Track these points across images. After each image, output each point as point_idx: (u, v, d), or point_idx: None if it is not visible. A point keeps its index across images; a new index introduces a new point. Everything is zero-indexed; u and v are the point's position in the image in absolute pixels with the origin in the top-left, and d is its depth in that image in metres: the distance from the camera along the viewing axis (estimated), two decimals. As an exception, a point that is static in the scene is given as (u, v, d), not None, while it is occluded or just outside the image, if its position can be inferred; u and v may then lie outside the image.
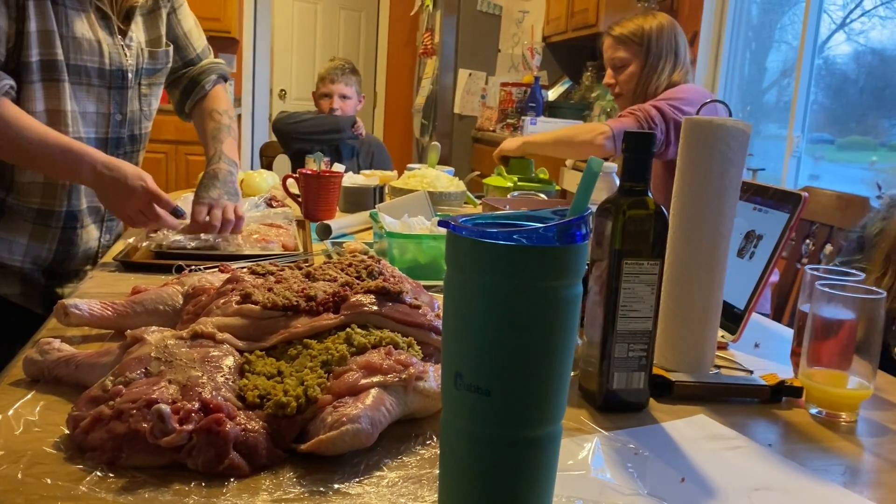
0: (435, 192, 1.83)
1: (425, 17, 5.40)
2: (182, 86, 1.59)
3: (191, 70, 1.58)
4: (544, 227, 0.46)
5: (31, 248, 1.36)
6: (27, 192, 1.33)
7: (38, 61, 1.25)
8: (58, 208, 1.36)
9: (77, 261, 1.43)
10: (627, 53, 2.10)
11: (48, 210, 1.35)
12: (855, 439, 0.75)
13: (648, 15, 2.12)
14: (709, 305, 0.87)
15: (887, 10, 3.08)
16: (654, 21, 2.09)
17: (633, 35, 2.08)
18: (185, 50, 1.56)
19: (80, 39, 1.29)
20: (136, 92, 1.43)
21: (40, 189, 1.34)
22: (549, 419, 0.48)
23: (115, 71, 1.36)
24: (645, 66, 2.08)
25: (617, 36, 2.11)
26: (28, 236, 1.36)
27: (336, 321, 0.75)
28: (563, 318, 0.46)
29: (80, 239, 1.42)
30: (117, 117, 1.40)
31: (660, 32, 2.07)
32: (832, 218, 1.83)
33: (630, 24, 2.11)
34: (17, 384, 0.74)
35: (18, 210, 1.34)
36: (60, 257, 1.40)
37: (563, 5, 4.44)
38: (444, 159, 3.23)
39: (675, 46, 2.08)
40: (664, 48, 2.07)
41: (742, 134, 0.85)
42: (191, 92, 1.57)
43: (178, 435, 0.58)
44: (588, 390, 0.78)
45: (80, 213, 1.40)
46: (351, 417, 0.61)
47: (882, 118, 3.13)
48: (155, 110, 1.51)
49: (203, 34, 1.61)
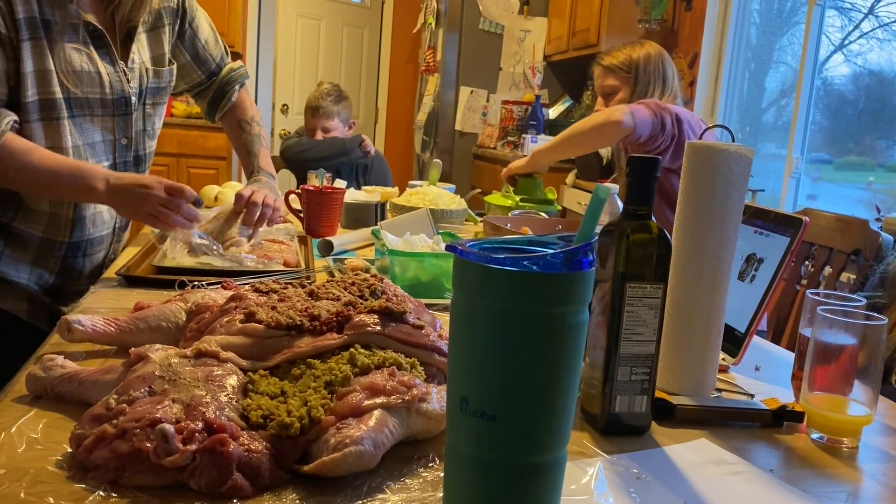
0: (437, 210, 1.84)
1: (427, 34, 5.44)
2: (208, 98, 1.62)
3: (214, 81, 1.61)
4: (552, 253, 0.47)
5: (34, 271, 1.37)
6: (33, 220, 1.34)
7: (37, 101, 1.25)
8: (60, 238, 1.37)
9: (81, 281, 1.43)
10: (616, 81, 2.19)
11: (51, 240, 1.36)
12: (857, 465, 0.75)
13: (636, 45, 2.20)
14: (710, 328, 0.87)
15: (885, 32, 3.11)
16: (641, 50, 2.17)
17: (622, 64, 2.17)
18: (206, 62, 1.58)
19: (79, 73, 1.28)
20: (140, 113, 1.43)
21: (46, 218, 1.34)
22: (554, 445, 0.48)
23: (117, 99, 1.36)
24: (634, 93, 2.15)
25: (606, 65, 2.20)
26: (32, 259, 1.36)
27: (339, 341, 0.75)
28: (570, 344, 0.46)
29: (83, 266, 1.42)
30: (122, 142, 1.40)
31: (647, 60, 2.15)
32: (831, 240, 1.84)
33: (619, 54, 2.20)
34: (20, 400, 0.74)
35: (23, 235, 1.35)
36: (63, 281, 1.40)
37: (564, 25, 4.48)
38: (444, 176, 3.25)
39: (662, 73, 2.16)
40: (651, 75, 2.15)
41: (744, 159, 0.85)
42: (218, 103, 1.62)
43: (181, 455, 0.58)
44: (590, 413, 0.78)
45: (83, 244, 1.40)
46: (354, 439, 0.61)
47: (880, 139, 3.16)
48: (159, 129, 1.52)
49: (219, 38, 1.62)
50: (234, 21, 4.94)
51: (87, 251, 1.42)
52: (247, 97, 1.67)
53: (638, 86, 2.15)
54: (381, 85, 6.21)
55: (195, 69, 1.56)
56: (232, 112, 1.63)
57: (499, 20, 4.91)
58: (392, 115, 6.20)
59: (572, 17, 4.37)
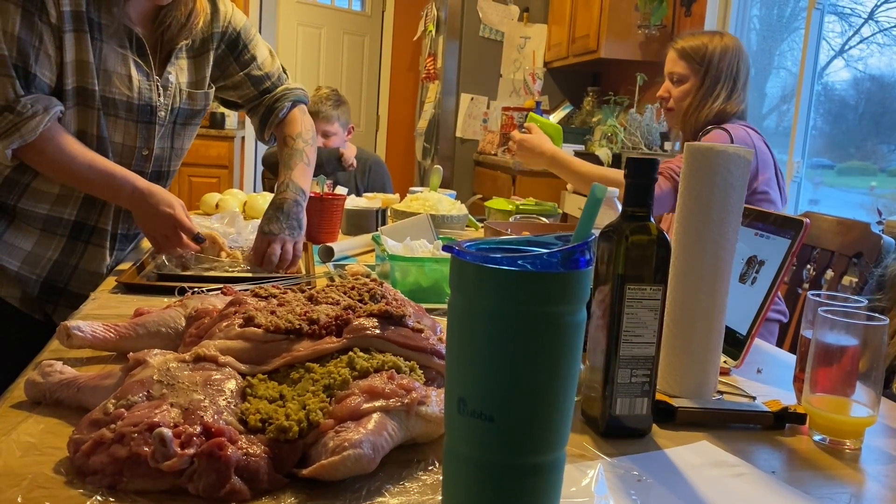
0: (437, 216, 1.84)
1: (428, 42, 5.46)
2: (260, 114, 1.60)
3: (266, 98, 1.59)
4: (548, 252, 0.47)
5: (31, 255, 1.37)
6: (39, 198, 1.36)
7: (74, 88, 1.30)
8: (67, 216, 1.38)
9: (76, 279, 1.43)
10: (686, 70, 2.03)
11: (57, 217, 1.37)
12: (859, 467, 0.75)
13: (716, 35, 2.05)
14: (711, 331, 0.87)
15: (885, 37, 3.11)
16: (720, 42, 2.02)
17: (695, 51, 2.01)
18: (260, 80, 1.57)
19: (110, 72, 1.32)
20: (168, 130, 1.45)
21: (53, 197, 1.36)
22: (553, 446, 0.48)
23: (143, 105, 1.37)
24: (701, 87, 2.01)
25: (679, 49, 2.05)
26: (33, 243, 1.37)
27: (338, 345, 0.75)
28: (568, 343, 0.46)
29: (83, 256, 1.42)
30: (143, 152, 1.41)
31: (723, 54, 1.99)
32: (833, 243, 1.83)
33: (695, 39, 2.04)
34: (18, 406, 0.74)
35: (27, 215, 1.36)
36: (59, 269, 1.40)
37: (564, 31, 4.49)
38: (445, 182, 3.25)
39: (735, 72, 2.00)
40: (724, 72, 1.99)
41: (743, 161, 0.85)
42: (267, 119, 1.59)
43: (179, 459, 0.58)
44: (591, 416, 0.78)
45: (89, 229, 1.41)
46: (353, 442, 0.61)
47: (881, 144, 3.16)
48: (186, 150, 1.53)
49: (277, 60, 1.62)
50: (235, 30, 4.96)
51: (92, 239, 1.42)
52: (300, 116, 1.61)
53: (707, 80, 1.99)
54: (381, 92, 6.22)
55: (248, 84, 1.56)
56: (280, 129, 1.59)
57: (499, 27, 4.93)
58: (393, 122, 6.22)
59: (572, 23, 4.38)
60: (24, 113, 1.22)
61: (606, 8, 3.89)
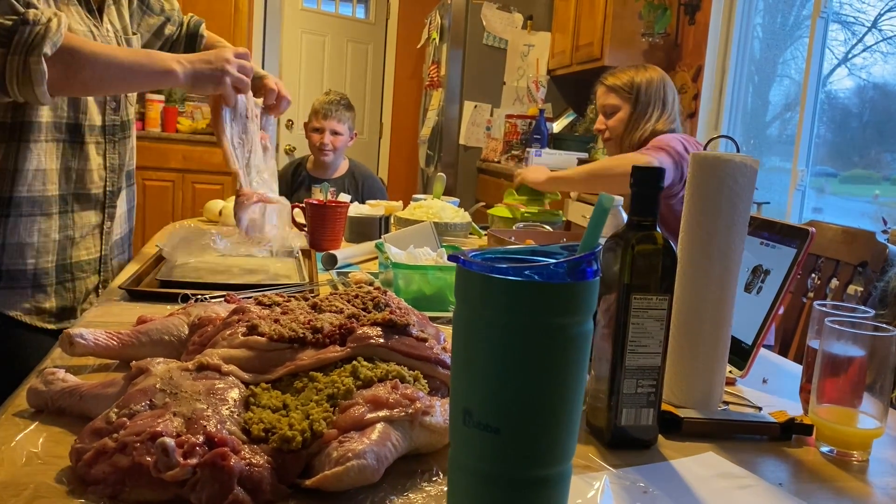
0: (440, 223, 1.84)
1: (432, 49, 5.47)
2: (182, 45, 1.66)
3: (181, 30, 1.66)
4: (555, 263, 0.46)
5: (39, 246, 1.33)
6: (28, 179, 1.29)
7: None
8: (51, 192, 1.33)
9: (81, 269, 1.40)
10: (618, 101, 2.25)
11: (48, 196, 1.33)
12: (867, 479, 0.74)
13: (640, 68, 2.27)
14: (717, 340, 0.86)
15: (889, 45, 3.11)
16: (645, 74, 2.24)
17: (625, 85, 2.23)
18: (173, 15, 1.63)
19: (74, 30, 1.28)
20: None
21: (37, 174, 1.30)
22: (559, 458, 0.47)
23: None
24: (634, 113, 2.22)
25: (609, 85, 2.26)
26: (36, 233, 1.33)
27: (342, 354, 0.75)
28: (575, 355, 0.46)
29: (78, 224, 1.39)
30: (112, 105, 1.42)
31: (649, 84, 2.21)
32: (837, 252, 1.83)
33: (623, 75, 2.26)
34: (20, 414, 0.73)
35: (23, 202, 1.30)
36: (64, 246, 1.37)
37: (567, 40, 4.49)
38: (449, 190, 3.25)
39: (663, 96, 2.22)
40: (653, 97, 2.21)
41: (750, 170, 0.85)
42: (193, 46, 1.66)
43: (182, 469, 0.57)
44: (596, 426, 0.78)
45: (76, 196, 1.38)
46: (356, 453, 0.60)
47: (884, 152, 3.15)
48: (135, 98, 1.55)
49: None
50: (238, 37, 4.98)
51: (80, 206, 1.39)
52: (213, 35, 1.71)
53: (638, 106, 2.21)
54: (385, 100, 6.23)
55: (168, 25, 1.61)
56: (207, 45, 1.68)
57: (502, 35, 4.94)
58: (396, 129, 6.22)
59: (576, 31, 4.39)
60: (39, 19, 1.16)
61: (610, 16, 3.89)
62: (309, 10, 5.82)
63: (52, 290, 1.36)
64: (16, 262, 1.31)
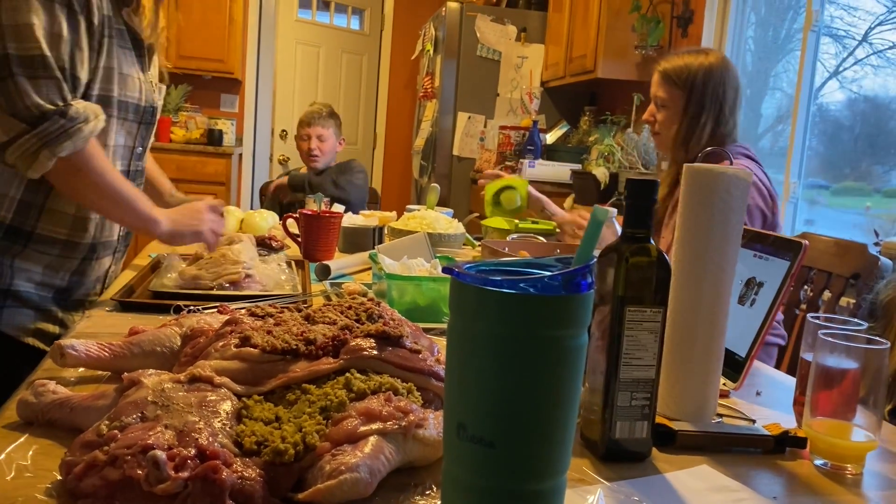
0: (434, 234, 1.84)
1: (426, 61, 5.48)
2: None
3: None
4: (550, 275, 0.46)
5: (44, 276, 1.33)
6: (57, 222, 1.30)
7: (97, 96, 1.27)
8: (85, 241, 1.34)
9: (85, 288, 1.41)
10: (669, 95, 1.84)
11: (75, 242, 1.33)
12: (861, 492, 0.74)
13: (701, 53, 1.86)
14: (711, 353, 0.86)
15: (879, 59, 3.14)
16: (704, 60, 1.81)
17: (678, 73, 1.81)
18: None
19: (125, 76, 1.31)
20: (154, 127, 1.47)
21: (70, 220, 1.31)
22: (554, 471, 0.47)
23: (147, 107, 1.38)
24: (685, 115, 1.81)
25: (662, 71, 1.86)
26: (44, 266, 1.32)
27: (335, 365, 0.74)
28: (569, 368, 0.46)
29: (92, 270, 1.40)
30: (139, 150, 1.42)
31: (707, 75, 1.79)
32: (830, 264, 1.83)
33: (679, 59, 1.84)
34: (10, 427, 0.72)
35: (44, 240, 1.30)
36: (71, 286, 1.37)
37: (561, 51, 4.52)
38: (442, 200, 3.24)
39: (722, 93, 1.80)
40: (709, 94, 1.79)
41: (743, 182, 0.85)
42: None
43: (173, 482, 0.57)
44: (590, 439, 0.77)
45: (99, 246, 1.39)
46: (349, 466, 0.60)
47: (876, 164, 3.17)
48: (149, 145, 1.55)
49: None
50: (234, 48, 4.98)
51: (99, 254, 1.40)
52: None
53: (690, 107, 1.79)
54: (379, 111, 6.24)
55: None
56: None
57: (496, 47, 4.96)
58: (390, 140, 6.23)
59: (569, 43, 4.41)
60: (76, 119, 1.15)
61: (603, 28, 3.92)
62: (303, 21, 5.84)
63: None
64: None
